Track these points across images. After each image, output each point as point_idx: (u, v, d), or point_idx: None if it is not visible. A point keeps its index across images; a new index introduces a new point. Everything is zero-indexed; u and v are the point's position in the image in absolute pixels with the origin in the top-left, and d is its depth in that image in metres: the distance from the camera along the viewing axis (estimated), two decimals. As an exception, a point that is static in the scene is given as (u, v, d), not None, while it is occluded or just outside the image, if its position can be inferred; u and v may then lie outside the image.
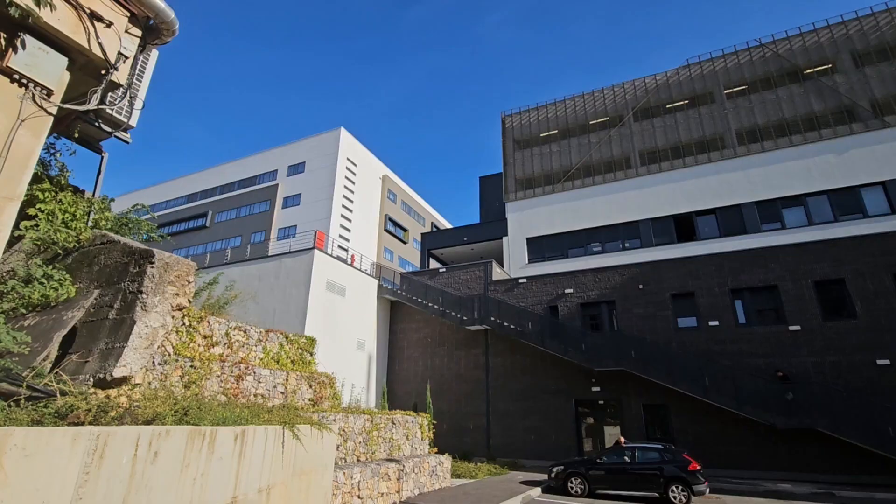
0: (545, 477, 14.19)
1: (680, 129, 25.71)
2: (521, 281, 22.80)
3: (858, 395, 15.40)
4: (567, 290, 21.44)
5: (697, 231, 23.52)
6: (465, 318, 21.87)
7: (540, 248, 26.90)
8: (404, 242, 46.89)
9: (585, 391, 19.63)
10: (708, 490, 12.22)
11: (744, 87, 25.02)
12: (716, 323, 18.43)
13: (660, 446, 12.99)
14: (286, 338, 12.06)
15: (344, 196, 40.13)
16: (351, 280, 22.51)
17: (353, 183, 41.71)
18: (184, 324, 8.57)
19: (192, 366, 7.70)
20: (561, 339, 19.84)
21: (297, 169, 42.88)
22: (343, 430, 10.02)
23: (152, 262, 6.03)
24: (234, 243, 41.97)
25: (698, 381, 17.02)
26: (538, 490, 13.22)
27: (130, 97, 6.80)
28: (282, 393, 10.65)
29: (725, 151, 24.13)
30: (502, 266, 26.54)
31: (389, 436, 11.81)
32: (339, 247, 35.12)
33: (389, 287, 24.93)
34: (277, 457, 5.84)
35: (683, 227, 23.98)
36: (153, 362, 6.80)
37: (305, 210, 40.04)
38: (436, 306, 22.89)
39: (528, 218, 27.77)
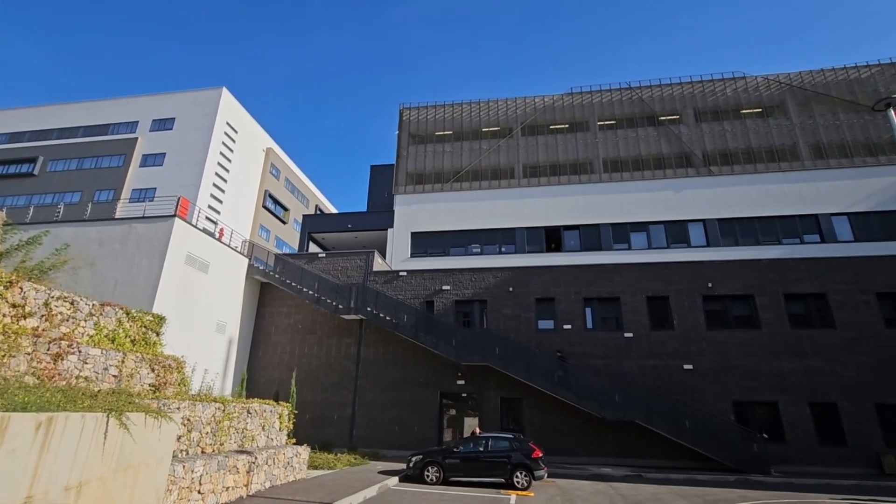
0: (404, 466, 14.49)
1: (559, 150, 28.23)
2: (401, 274, 22.97)
3: (667, 393, 18.49)
4: (445, 287, 22.16)
5: (563, 243, 26.06)
6: (340, 306, 21.35)
7: (423, 243, 27.39)
8: (284, 222, 44.13)
9: (451, 384, 20.50)
10: (546, 475, 13.64)
11: (613, 122, 28.38)
12: (569, 327, 20.61)
13: (510, 436, 14.13)
14: (127, 314, 10.57)
15: (219, 163, 36.36)
16: (217, 256, 20.51)
17: (232, 151, 38.02)
18: (-17, 288, 7.04)
19: (-11, 339, 6.34)
20: (434, 333, 20.44)
21: (163, 125, 37.70)
22: (188, 420, 9.08)
23: (-60, 207, 4.78)
24: (71, 199, 35.44)
25: (549, 378, 18.87)
26: (395, 479, 13.46)
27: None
28: (115, 377, 9.31)
29: (593, 176, 27.11)
30: (384, 257, 26.46)
31: (243, 426, 11.02)
32: (208, 218, 31.77)
33: (261, 268, 23.26)
34: (97, 449, 5.06)
35: (552, 238, 26.39)
36: (-71, 332, 5.43)
37: (170, 172, 35.40)
38: (311, 292, 21.96)
39: (415, 212, 28.09)
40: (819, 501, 12.14)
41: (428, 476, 13.44)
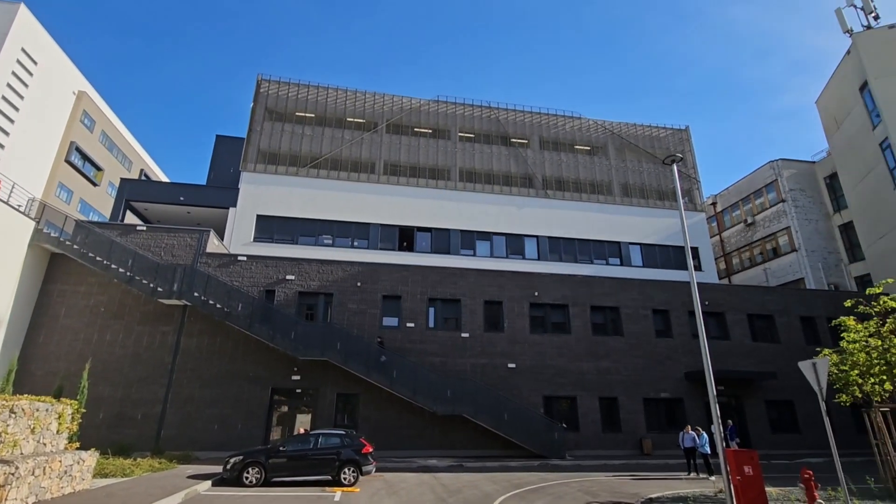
0: (221, 469, 13.21)
1: (420, 153, 29.07)
2: (240, 258, 21.00)
3: (492, 389, 20.35)
4: (289, 277, 20.94)
5: (415, 244, 26.87)
6: (160, 288, 18.57)
7: (270, 228, 25.52)
8: (95, 184, 36.66)
9: (285, 379, 19.43)
10: (375, 469, 13.83)
11: (472, 136, 30.36)
12: (412, 325, 21.27)
13: (342, 432, 13.96)
14: None
15: (4, 97, 28.62)
16: (-14, 214, 16.09)
17: (26, 86, 30.24)
18: None
19: None
20: (271, 325, 19.13)
21: (-84, 31, 28.19)
22: None
23: None
24: None
25: (388, 374, 19.18)
26: (208, 483, 12.20)
27: None
28: None
29: (449, 183, 28.57)
30: (222, 239, 23.90)
31: (1, 429, 8.81)
32: (-23, 165, 24.78)
33: (55, 235, 18.96)
34: None
35: (405, 237, 27.02)
36: None
37: (-80, 96, 26.60)
38: (122, 270, 18.65)
39: (264, 194, 26.03)
40: (596, 479, 14.66)
41: (247, 478, 12.48)
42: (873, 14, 27.94)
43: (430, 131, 29.96)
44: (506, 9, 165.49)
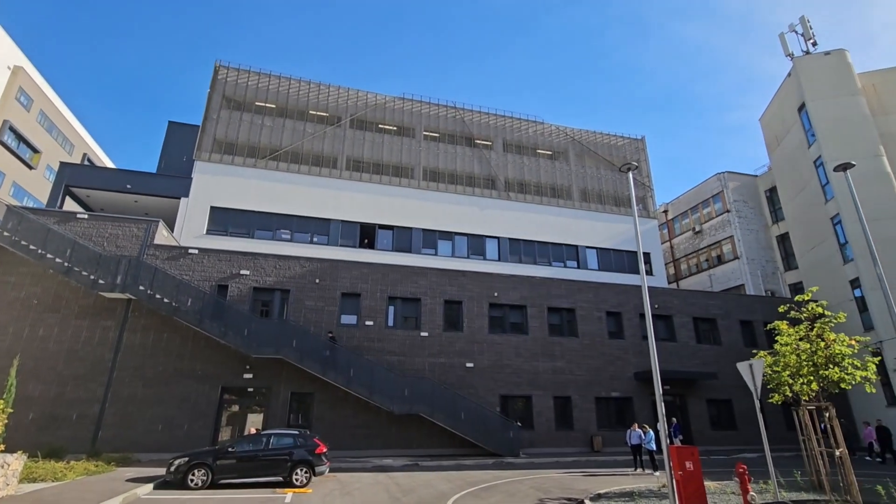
0: (164, 471, 12.59)
1: (384, 150, 28.80)
2: (191, 251, 20.09)
3: (449, 388, 20.45)
4: (243, 272, 20.24)
5: (377, 241, 26.61)
6: (102, 280, 17.48)
7: (224, 220, 24.55)
8: (31, 168, 34.04)
9: (237, 378, 18.77)
10: (328, 470, 13.60)
11: (436, 135, 30.37)
12: (371, 323, 21.05)
13: (295, 432, 13.64)
14: None
15: (-75, 68, 26.07)
16: None
17: (-48, 56, 27.70)
18: None
19: None
20: (223, 321, 18.41)
21: None
22: None
23: None
24: None
25: (345, 373, 18.89)
26: (149, 487, 11.62)
27: None
28: None
29: (412, 181, 28.48)
30: (172, 230, 22.79)
31: (-88, 431, 8.03)
32: None
33: (-19, 220, 17.47)
34: None
35: (366, 234, 26.70)
36: None
37: None
38: (59, 260, 17.43)
39: (220, 185, 25.01)
40: (549, 476, 15.03)
41: (192, 480, 11.97)
42: (812, 41, 30.05)
43: (395, 128, 29.74)
44: (469, 10, 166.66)
